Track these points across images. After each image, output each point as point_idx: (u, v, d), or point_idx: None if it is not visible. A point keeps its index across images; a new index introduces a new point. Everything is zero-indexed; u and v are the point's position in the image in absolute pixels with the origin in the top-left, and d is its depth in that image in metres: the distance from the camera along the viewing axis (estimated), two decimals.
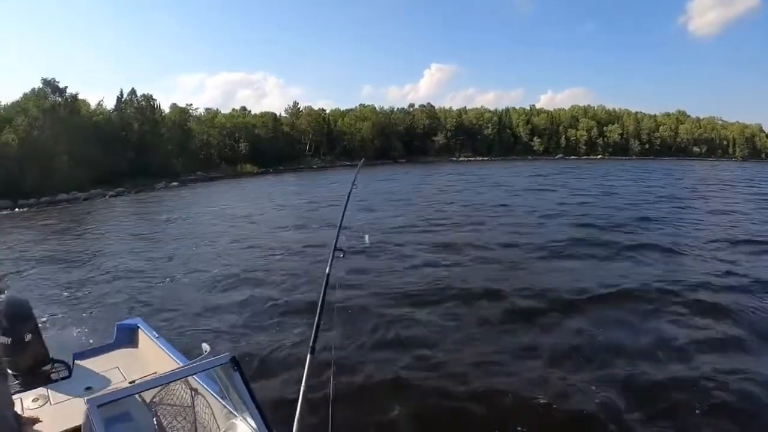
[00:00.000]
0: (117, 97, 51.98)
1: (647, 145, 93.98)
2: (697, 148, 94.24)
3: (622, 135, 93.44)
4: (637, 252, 12.99)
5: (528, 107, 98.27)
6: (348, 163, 73.20)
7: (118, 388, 2.60)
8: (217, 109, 70.28)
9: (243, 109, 74.49)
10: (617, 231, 16.12)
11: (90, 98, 55.28)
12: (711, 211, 21.41)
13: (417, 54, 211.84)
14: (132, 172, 43.83)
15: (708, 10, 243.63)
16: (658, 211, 20.84)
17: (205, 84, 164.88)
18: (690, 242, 14.42)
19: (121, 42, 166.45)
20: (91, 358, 4.68)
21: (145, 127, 51.70)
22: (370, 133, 79.14)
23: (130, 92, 52.39)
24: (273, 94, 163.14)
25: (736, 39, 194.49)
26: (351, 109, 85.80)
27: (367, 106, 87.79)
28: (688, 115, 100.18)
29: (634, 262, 12.15)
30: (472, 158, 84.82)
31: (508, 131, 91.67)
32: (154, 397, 3.46)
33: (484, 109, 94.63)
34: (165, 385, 3.31)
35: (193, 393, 3.46)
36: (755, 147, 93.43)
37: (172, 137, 55.26)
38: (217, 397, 3.39)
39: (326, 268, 3.52)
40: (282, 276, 11.75)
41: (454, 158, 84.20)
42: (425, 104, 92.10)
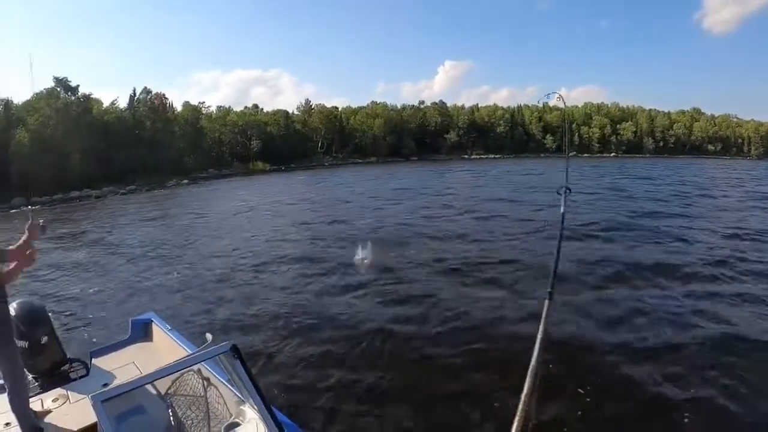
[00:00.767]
0: (129, 96, 52.32)
1: (661, 143, 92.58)
2: (711, 146, 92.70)
3: (635, 133, 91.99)
4: None
5: (541, 105, 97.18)
6: (360, 161, 73.16)
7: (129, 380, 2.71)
8: (229, 107, 70.41)
9: (255, 106, 74.60)
10: None
11: (104, 97, 55.97)
12: None
13: (431, 51, 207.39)
14: (144, 170, 44.04)
15: (723, 7, 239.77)
16: None
17: (220, 81, 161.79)
18: None
19: (134, 41, 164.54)
20: (108, 355, 4.79)
21: (158, 125, 51.84)
22: (382, 131, 78.66)
23: (143, 91, 52.73)
24: (288, 92, 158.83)
25: (752, 36, 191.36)
26: (363, 107, 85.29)
27: (380, 103, 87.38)
28: (703, 113, 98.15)
29: None
30: (484, 156, 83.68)
31: (521, 129, 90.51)
32: (169, 389, 3.55)
33: (497, 107, 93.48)
34: (178, 377, 3.44)
35: (205, 383, 3.52)
36: None
37: (185, 135, 55.40)
38: (228, 385, 3.49)
39: (560, 208, 3.49)
40: (296, 270, 12.19)
41: (467, 156, 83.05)
42: (437, 102, 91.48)
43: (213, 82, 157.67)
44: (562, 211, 3.33)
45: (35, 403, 3.64)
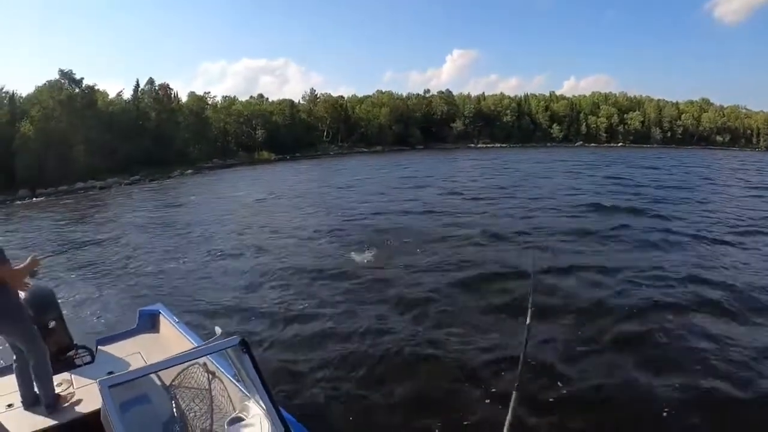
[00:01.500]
0: (134, 87, 52.61)
1: (669, 133, 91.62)
2: (720, 138, 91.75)
3: (643, 123, 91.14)
4: None
5: (548, 94, 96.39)
6: (366, 150, 73.12)
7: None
8: (235, 97, 70.63)
9: (260, 96, 74.84)
10: None
11: (109, 89, 56.81)
12: None
13: (439, 39, 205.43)
14: (148, 161, 44.25)
15: None
16: None
17: (227, 71, 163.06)
18: None
19: (140, 32, 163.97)
20: (114, 344, 4.82)
21: (162, 115, 52.20)
22: (388, 120, 78.41)
23: (147, 82, 53.07)
24: (295, 81, 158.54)
25: (763, 26, 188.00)
26: (368, 96, 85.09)
27: (385, 92, 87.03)
28: (712, 104, 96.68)
29: None
30: (491, 145, 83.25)
31: (528, 118, 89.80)
32: (174, 380, 3.56)
33: (503, 96, 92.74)
34: (184, 369, 3.46)
35: (210, 376, 3.57)
36: None
37: (189, 125, 55.74)
38: (233, 379, 3.47)
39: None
40: (301, 258, 12.17)
41: (473, 145, 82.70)
42: (443, 90, 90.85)
43: (220, 72, 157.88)
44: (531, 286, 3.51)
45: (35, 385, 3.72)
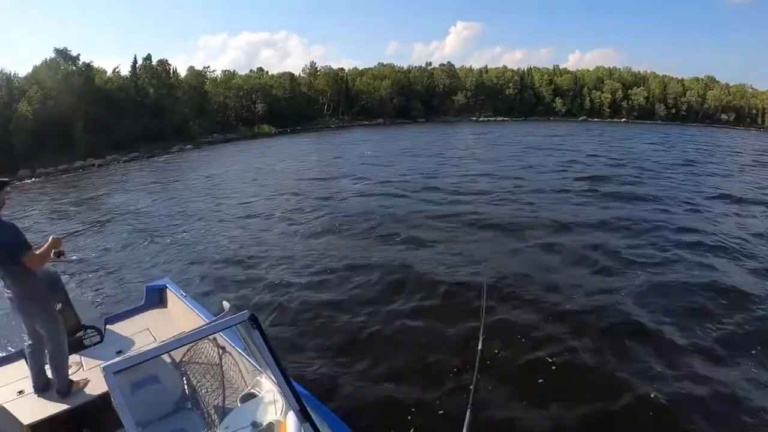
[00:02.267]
0: (132, 63, 52.50)
1: (673, 110, 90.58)
2: (725, 116, 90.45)
3: (647, 99, 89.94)
4: None
5: (551, 67, 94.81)
6: (366, 123, 73.05)
7: (142, 351, 2.62)
8: (234, 71, 70.12)
9: (260, 70, 74.31)
10: None
11: (108, 66, 57.67)
12: None
13: (443, 10, 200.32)
14: (147, 137, 44.44)
15: None
16: None
17: (228, 45, 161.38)
18: None
19: (139, 7, 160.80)
20: (122, 322, 4.85)
21: (161, 91, 52.33)
22: (389, 93, 78.02)
23: (145, 58, 52.95)
24: (296, 54, 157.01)
25: None
26: (369, 68, 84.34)
27: (386, 65, 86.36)
28: (717, 81, 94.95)
29: None
30: (493, 118, 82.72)
31: (530, 91, 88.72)
32: (184, 357, 3.60)
33: (506, 69, 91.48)
34: (193, 345, 3.45)
35: (220, 351, 3.57)
36: None
37: (189, 100, 55.94)
38: (244, 354, 3.44)
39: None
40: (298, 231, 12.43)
41: (474, 118, 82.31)
42: (445, 63, 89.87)
43: (220, 46, 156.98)
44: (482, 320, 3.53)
45: (50, 371, 3.72)
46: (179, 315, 4.76)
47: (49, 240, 3.62)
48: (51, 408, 3.47)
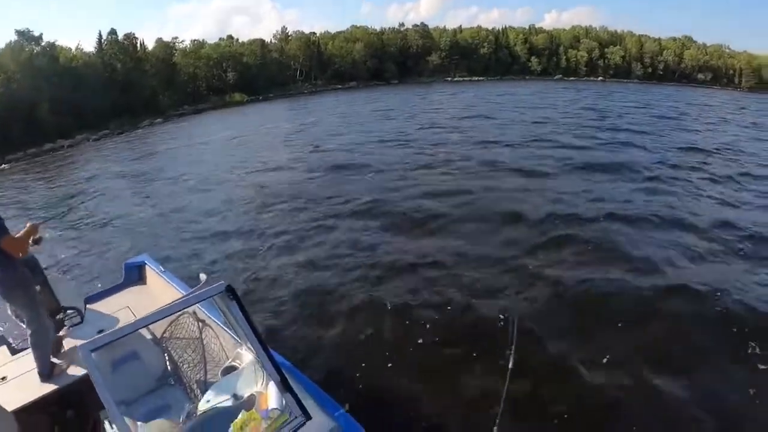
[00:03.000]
0: (97, 40, 52.57)
1: (650, 69, 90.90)
2: (701, 76, 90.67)
3: (624, 58, 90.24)
4: None
5: (527, 27, 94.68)
6: (340, 87, 73.24)
7: (117, 328, 2.58)
8: (204, 40, 70.09)
9: (230, 37, 73.99)
10: None
11: (73, 44, 55.71)
12: None
13: None
14: (117, 113, 44.32)
15: None
16: None
17: (198, 13, 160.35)
18: None
19: None
20: (102, 300, 4.77)
21: (128, 65, 52.53)
22: (362, 55, 78.45)
23: (110, 32, 53.01)
24: (269, 19, 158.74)
25: None
26: (342, 32, 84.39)
27: (360, 27, 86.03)
28: (694, 41, 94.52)
29: None
30: (468, 78, 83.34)
31: (506, 51, 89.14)
32: (164, 332, 3.59)
33: (480, 28, 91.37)
34: (174, 320, 3.48)
35: (200, 325, 3.53)
36: (761, 78, 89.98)
37: (157, 73, 56.21)
38: (224, 327, 3.37)
39: None
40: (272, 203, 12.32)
41: (449, 78, 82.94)
42: (418, 24, 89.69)
43: (191, 14, 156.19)
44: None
45: (32, 354, 3.61)
46: (159, 291, 4.68)
47: (26, 226, 3.59)
48: (34, 392, 3.41)
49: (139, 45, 56.10)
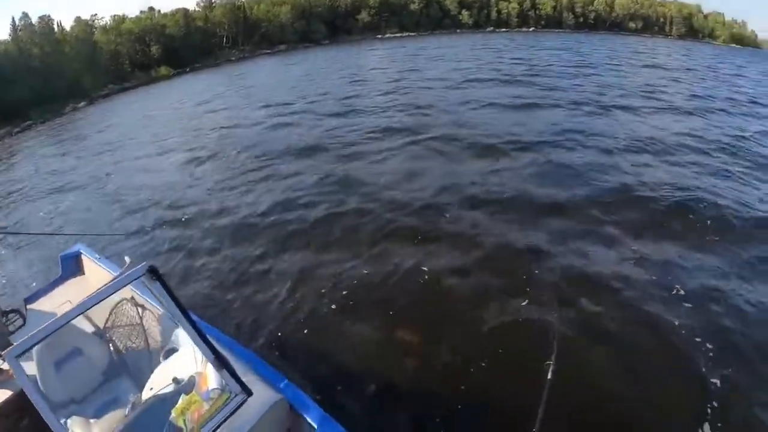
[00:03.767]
0: (11, 26, 52.47)
1: (581, 19, 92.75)
2: (633, 24, 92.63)
3: (555, 7, 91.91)
4: None
5: None
6: (268, 51, 73.71)
7: (41, 328, 2.49)
8: (124, 15, 68.88)
9: (150, 9, 73.02)
10: None
11: None
12: None
13: None
14: (38, 101, 43.16)
15: None
16: None
17: None
18: None
19: None
20: (42, 298, 4.70)
21: (46, 50, 52.04)
22: (290, 18, 78.79)
23: (22, 16, 52.95)
24: None
25: None
26: None
27: None
28: None
29: None
30: (399, 35, 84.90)
31: (436, 5, 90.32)
32: (106, 323, 3.65)
33: None
34: (114, 309, 3.57)
35: (140, 311, 3.62)
36: (692, 27, 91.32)
37: (78, 54, 55.43)
38: (161, 309, 3.39)
39: None
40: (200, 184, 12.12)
41: (380, 36, 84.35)
42: None
43: None
44: None
45: None
46: (97, 280, 4.45)
47: None
48: None
49: (56, 26, 56.12)
